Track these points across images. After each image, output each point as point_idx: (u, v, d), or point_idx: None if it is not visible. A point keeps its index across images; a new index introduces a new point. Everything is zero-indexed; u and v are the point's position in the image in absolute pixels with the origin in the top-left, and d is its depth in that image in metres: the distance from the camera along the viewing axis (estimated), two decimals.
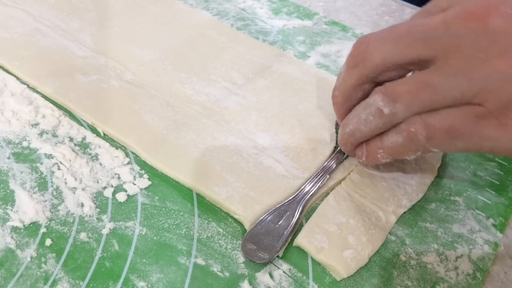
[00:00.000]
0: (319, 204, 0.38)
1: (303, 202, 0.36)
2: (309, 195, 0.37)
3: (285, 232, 0.34)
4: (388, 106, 0.31)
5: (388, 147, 0.33)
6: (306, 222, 0.36)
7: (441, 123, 0.29)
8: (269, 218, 0.35)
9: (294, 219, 0.35)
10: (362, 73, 0.33)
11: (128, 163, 0.40)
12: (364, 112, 0.33)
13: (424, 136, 0.30)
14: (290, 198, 0.37)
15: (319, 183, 0.38)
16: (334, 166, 0.39)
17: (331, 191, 0.38)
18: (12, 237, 0.34)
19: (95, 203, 0.37)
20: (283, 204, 0.36)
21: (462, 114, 0.29)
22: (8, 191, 0.37)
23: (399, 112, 0.31)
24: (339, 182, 0.39)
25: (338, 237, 0.35)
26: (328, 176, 0.38)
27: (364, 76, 0.33)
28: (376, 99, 0.32)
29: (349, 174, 0.39)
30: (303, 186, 0.37)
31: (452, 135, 0.29)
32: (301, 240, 0.35)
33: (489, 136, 0.28)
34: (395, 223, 0.37)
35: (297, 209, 0.36)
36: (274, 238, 0.34)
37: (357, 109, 0.34)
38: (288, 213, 0.35)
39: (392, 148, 0.33)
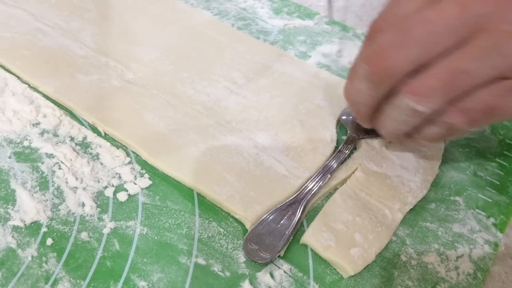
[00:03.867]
0: (321, 204, 0.38)
1: (304, 202, 0.36)
2: (310, 195, 0.37)
3: (286, 232, 0.34)
4: (422, 104, 0.30)
5: (428, 137, 0.34)
6: (307, 222, 0.36)
7: (478, 105, 0.29)
8: (270, 218, 0.35)
9: (296, 219, 0.35)
10: (390, 85, 0.31)
11: (129, 162, 0.40)
12: (397, 114, 0.32)
13: (464, 122, 0.31)
14: (292, 198, 0.37)
15: (320, 183, 0.38)
16: (335, 165, 0.39)
17: (333, 190, 0.39)
18: (13, 236, 0.34)
19: (96, 203, 0.37)
20: (284, 204, 0.36)
21: (496, 91, 0.29)
22: (9, 190, 0.37)
23: (436, 106, 0.30)
24: (342, 182, 0.39)
25: (345, 235, 0.35)
26: (329, 176, 0.38)
27: (391, 87, 0.31)
28: (406, 101, 0.31)
29: (353, 172, 0.39)
30: (304, 186, 0.37)
31: (489, 113, 0.30)
32: (308, 238, 0.35)
33: None
34: None
35: (299, 209, 0.36)
36: (275, 238, 0.34)
37: (387, 110, 0.33)
38: (289, 213, 0.35)
39: (431, 138, 0.33)
